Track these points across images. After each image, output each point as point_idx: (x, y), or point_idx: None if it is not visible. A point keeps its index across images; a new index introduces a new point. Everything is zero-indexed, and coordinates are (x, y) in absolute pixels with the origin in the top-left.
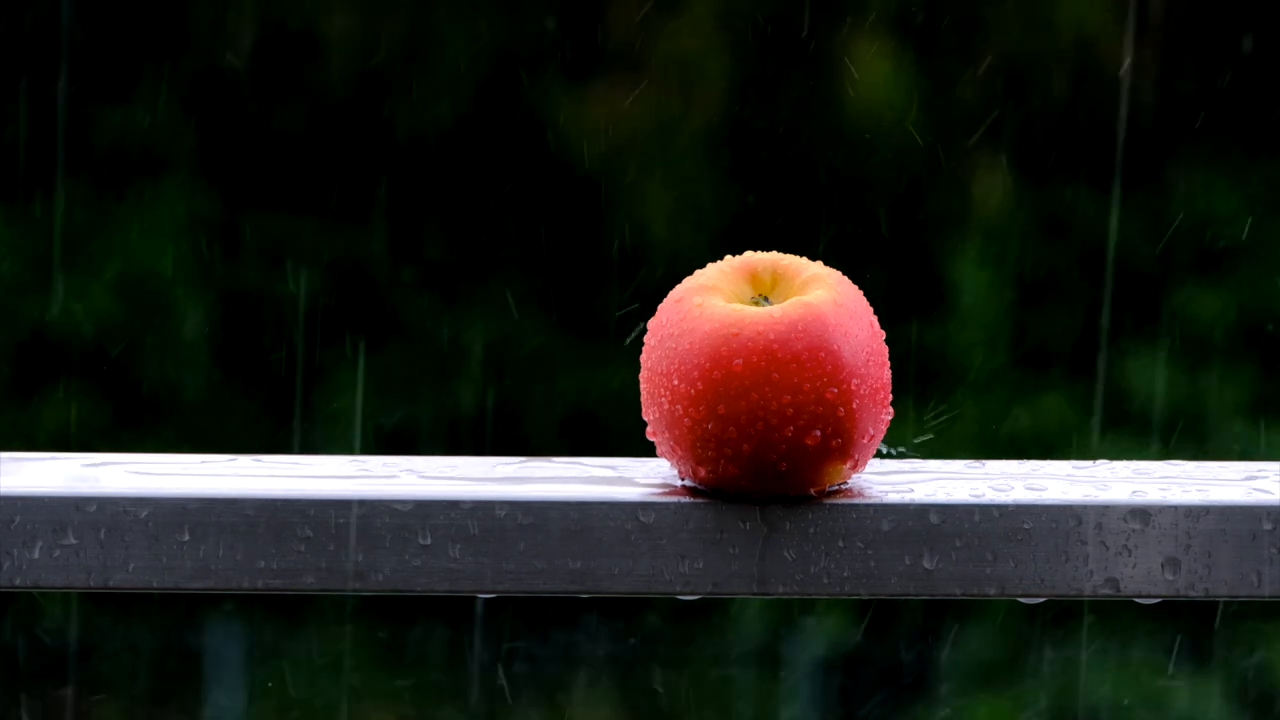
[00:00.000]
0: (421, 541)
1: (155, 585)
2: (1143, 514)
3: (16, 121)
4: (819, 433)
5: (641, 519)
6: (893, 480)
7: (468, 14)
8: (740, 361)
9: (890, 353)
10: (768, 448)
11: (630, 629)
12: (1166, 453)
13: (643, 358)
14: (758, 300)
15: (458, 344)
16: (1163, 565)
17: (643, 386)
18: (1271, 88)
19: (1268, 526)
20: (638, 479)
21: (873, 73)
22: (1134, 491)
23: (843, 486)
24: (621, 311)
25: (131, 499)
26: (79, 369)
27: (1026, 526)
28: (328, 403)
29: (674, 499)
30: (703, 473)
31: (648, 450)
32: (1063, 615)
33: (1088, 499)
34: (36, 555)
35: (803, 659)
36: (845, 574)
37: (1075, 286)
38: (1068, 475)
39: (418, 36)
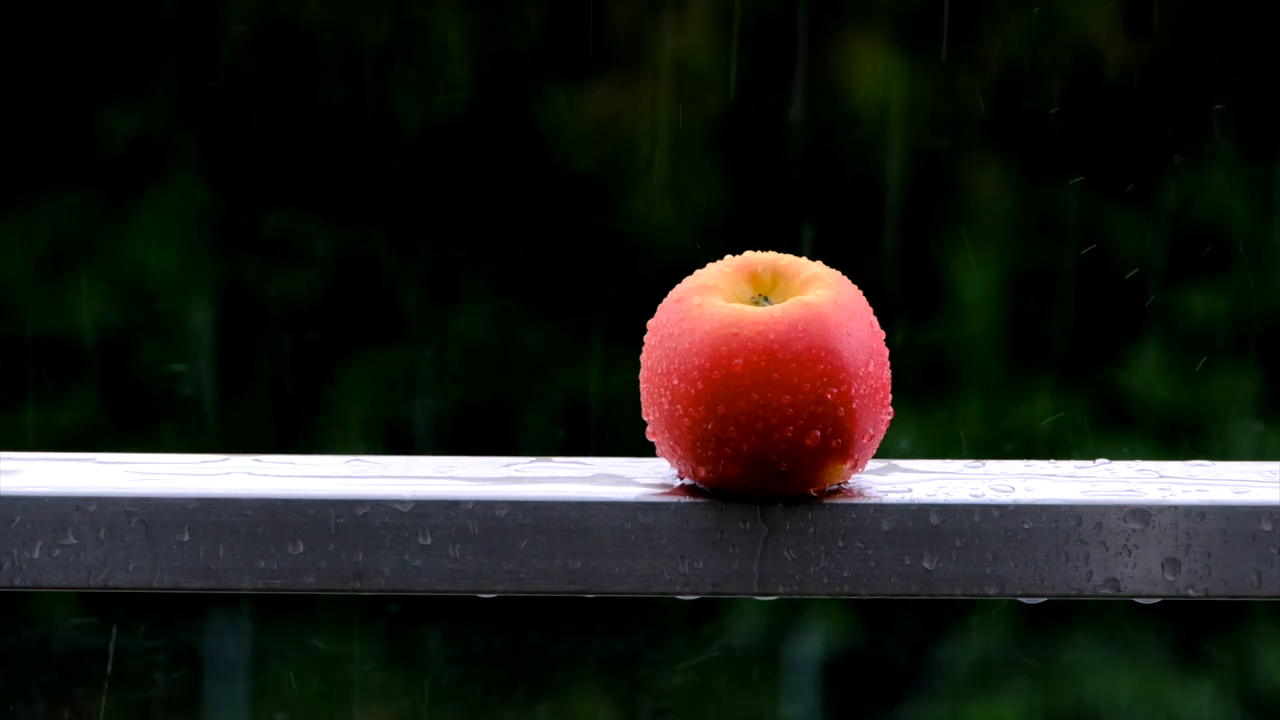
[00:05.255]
0: (421, 541)
1: (155, 585)
2: (1143, 514)
3: (16, 121)
4: (819, 433)
5: (641, 519)
6: (893, 480)
7: (467, 13)
8: (740, 361)
9: (890, 353)
10: (768, 448)
11: (630, 629)
12: (1166, 453)
13: (643, 358)
14: (758, 300)
15: (457, 343)
16: (1163, 565)
17: (643, 386)
18: (1272, 87)
19: (1268, 527)
20: (638, 479)
21: (872, 72)
22: (1134, 491)
23: (843, 486)
24: (621, 311)
25: (131, 499)
26: (79, 369)
27: (1026, 526)
28: (328, 402)
29: (674, 499)
30: (703, 473)
31: (648, 450)
32: (1062, 615)
33: (1088, 499)
34: (36, 555)
35: (802, 659)
36: (845, 574)
37: (1075, 286)
38: (1068, 475)
39: (416, 35)
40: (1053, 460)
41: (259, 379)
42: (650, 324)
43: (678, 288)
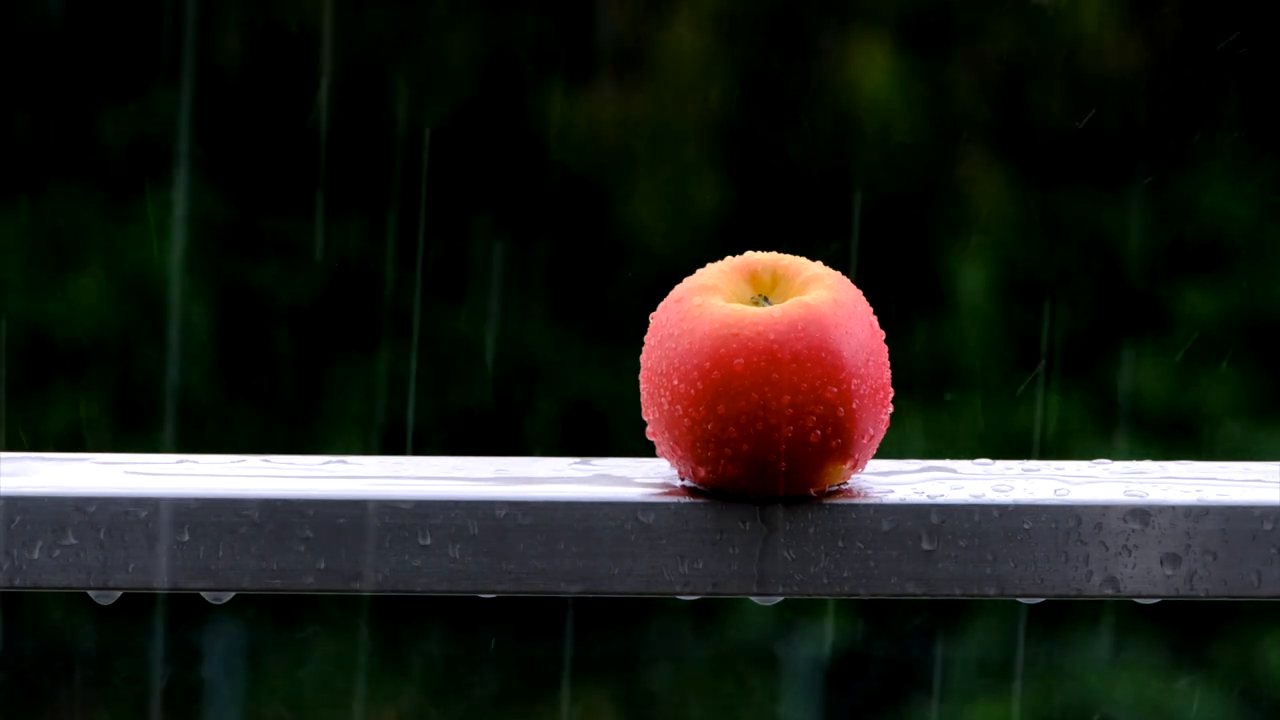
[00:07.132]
0: (421, 541)
1: (155, 585)
2: (1143, 514)
3: (17, 121)
4: (819, 433)
5: (641, 519)
6: (893, 480)
7: (467, 13)
8: (740, 361)
9: (890, 353)
10: (768, 448)
11: (630, 629)
12: (1166, 453)
13: (643, 358)
14: (758, 300)
15: (458, 344)
16: (1162, 565)
17: (643, 386)
18: (1272, 88)
19: (1268, 526)
20: (638, 479)
21: (872, 72)
22: (1134, 492)
23: (843, 486)
24: (620, 311)
25: (131, 499)
26: (79, 369)
27: (1026, 526)
28: (328, 403)
29: (674, 499)
30: (703, 473)
31: (648, 450)
32: (1063, 615)
33: (1088, 499)
34: (36, 555)
35: (802, 659)
36: (845, 574)
37: (1075, 286)
38: (1068, 475)
39: (417, 36)
40: (1053, 460)
41: (259, 379)
42: (650, 324)
43: (678, 288)
